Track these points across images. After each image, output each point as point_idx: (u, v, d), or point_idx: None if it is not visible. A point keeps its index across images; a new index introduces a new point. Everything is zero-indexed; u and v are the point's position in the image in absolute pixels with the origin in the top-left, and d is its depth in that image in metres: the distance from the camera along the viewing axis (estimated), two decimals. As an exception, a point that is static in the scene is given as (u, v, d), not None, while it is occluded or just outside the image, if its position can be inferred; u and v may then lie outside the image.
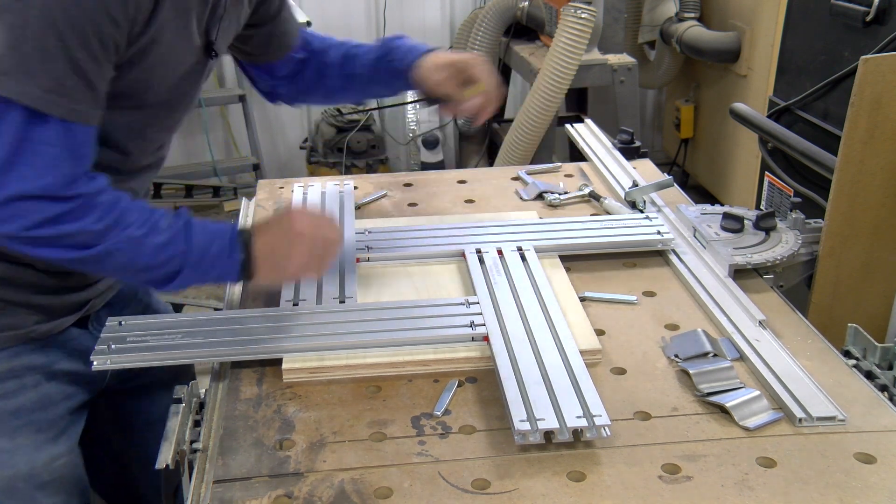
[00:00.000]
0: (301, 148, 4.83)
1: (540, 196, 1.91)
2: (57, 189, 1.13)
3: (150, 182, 1.49)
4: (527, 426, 1.12)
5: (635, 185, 1.86)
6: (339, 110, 4.63)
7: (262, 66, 1.68)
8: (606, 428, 1.14)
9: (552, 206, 1.87)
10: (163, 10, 1.21)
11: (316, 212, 1.39)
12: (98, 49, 1.13)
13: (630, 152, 2.10)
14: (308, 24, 3.99)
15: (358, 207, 1.85)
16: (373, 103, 4.82)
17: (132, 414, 1.64)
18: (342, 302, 1.45)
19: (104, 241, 1.18)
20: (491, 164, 4.36)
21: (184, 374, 1.65)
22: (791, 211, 1.71)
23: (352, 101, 1.76)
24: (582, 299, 1.48)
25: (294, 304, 1.44)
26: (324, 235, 1.32)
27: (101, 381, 1.50)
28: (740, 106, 2.91)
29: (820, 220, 1.75)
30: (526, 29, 4.25)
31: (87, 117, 1.16)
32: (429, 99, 1.62)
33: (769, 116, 2.82)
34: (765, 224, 1.66)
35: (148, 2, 1.18)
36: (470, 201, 1.91)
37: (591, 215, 1.81)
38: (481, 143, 4.65)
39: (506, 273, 1.53)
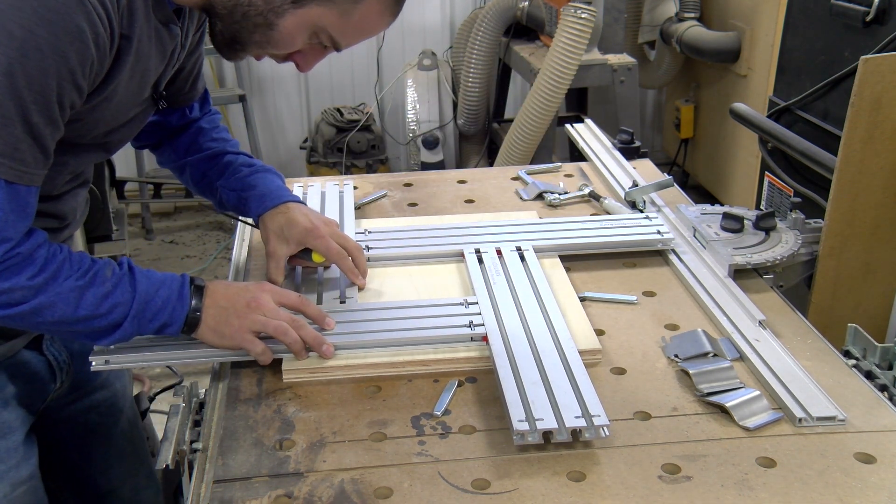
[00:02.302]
0: (301, 148, 4.82)
1: (540, 196, 1.91)
2: None
3: (82, 196, 1.42)
4: (525, 426, 1.12)
5: (635, 185, 1.86)
6: (338, 110, 4.63)
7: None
8: (605, 428, 1.14)
9: (552, 206, 1.87)
10: (122, 70, 1.18)
11: (291, 295, 1.34)
12: (56, 113, 1.10)
13: (630, 152, 2.10)
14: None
15: (358, 207, 1.85)
16: (373, 103, 4.83)
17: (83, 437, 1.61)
18: (342, 302, 1.45)
19: (40, 295, 1.14)
20: (491, 164, 4.37)
21: (122, 399, 1.64)
22: (791, 211, 1.70)
23: (196, 192, 1.67)
24: (582, 299, 1.48)
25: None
26: (284, 320, 1.28)
27: (40, 404, 1.45)
28: (740, 106, 2.91)
29: (820, 220, 1.75)
30: (526, 29, 4.25)
31: (35, 178, 1.12)
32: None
33: (769, 116, 2.82)
34: (765, 224, 1.66)
35: (107, 63, 1.14)
36: (470, 201, 1.91)
37: (591, 215, 1.81)
38: (481, 143, 4.65)
39: (504, 273, 1.53)
